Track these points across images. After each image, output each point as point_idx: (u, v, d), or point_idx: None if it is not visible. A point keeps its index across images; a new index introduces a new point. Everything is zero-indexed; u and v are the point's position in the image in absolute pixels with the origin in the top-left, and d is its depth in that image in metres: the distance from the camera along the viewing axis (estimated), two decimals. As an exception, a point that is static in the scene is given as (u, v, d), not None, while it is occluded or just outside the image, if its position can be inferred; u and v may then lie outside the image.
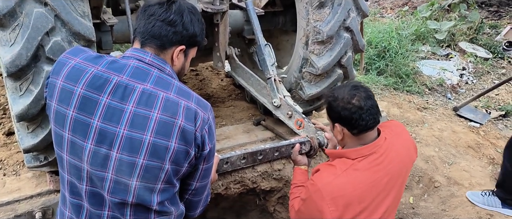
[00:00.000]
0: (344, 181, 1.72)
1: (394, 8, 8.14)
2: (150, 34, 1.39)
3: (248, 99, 3.69)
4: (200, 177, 1.49)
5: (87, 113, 1.32)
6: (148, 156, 1.33)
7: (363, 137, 1.80)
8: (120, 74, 1.35)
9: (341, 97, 1.77)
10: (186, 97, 1.38)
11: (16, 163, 2.64)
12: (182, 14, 1.39)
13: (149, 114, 1.32)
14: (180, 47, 1.43)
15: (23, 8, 1.84)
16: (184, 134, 1.35)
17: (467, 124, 4.49)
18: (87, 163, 1.34)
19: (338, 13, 2.74)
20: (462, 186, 3.52)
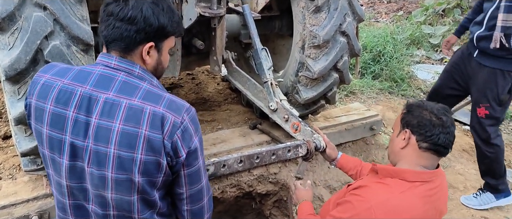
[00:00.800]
0: (400, 204, 1.55)
1: (388, 13, 8.21)
2: (112, 37, 1.27)
3: (244, 103, 3.71)
4: (187, 184, 1.36)
5: (58, 130, 1.28)
6: (115, 170, 1.26)
7: (426, 157, 1.62)
8: (84, 85, 1.27)
9: (430, 108, 1.64)
10: (153, 101, 1.26)
11: (12, 167, 2.64)
12: (141, 8, 1.25)
13: (111, 126, 1.24)
14: (148, 44, 1.29)
15: (22, 12, 1.86)
16: (151, 144, 1.23)
17: (461, 128, 4.52)
18: (66, 178, 1.33)
19: (334, 17, 2.78)
20: (457, 189, 3.55)
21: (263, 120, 3.36)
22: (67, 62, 1.93)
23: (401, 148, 1.67)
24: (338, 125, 3.46)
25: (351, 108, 3.81)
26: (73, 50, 1.97)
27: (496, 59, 2.95)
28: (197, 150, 1.33)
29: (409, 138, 1.64)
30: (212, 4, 2.47)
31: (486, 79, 3.01)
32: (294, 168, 3.07)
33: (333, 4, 2.78)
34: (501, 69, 2.95)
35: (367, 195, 1.59)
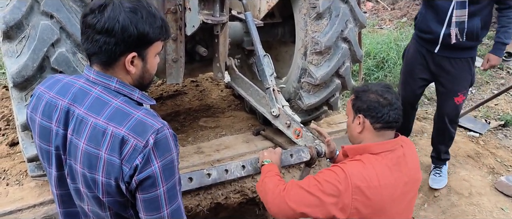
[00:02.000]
0: (371, 172, 1.68)
1: (392, 20, 8.23)
2: (92, 51, 1.22)
3: (248, 110, 3.73)
4: (144, 209, 1.23)
5: (45, 141, 1.30)
6: (84, 186, 1.25)
7: (383, 134, 1.79)
8: (64, 98, 1.27)
9: (374, 89, 1.80)
10: (118, 122, 1.19)
11: (19, 173, 2.68)
12: (117, 18, 1.17)
13: (78, 143, 1.22)
14: (130, 55, 1.22)
15: (30, 20, 1.91)
16: (110, 168, 1.18)
17: (466, 134, 4.50)
18: (56, 187, 1.37)
19: (335, 24, 2.81)
20: (462, 195, 3.53)
21: (266, 127, 3.37)
22: (72, 69, 1.98)
23: (358, 132, 1.81)
24: (341, 131, 3.47)
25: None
26: (79, 57, 2.01)
27: (464, 50, 3.12)
28: (155, 176, 1.20)
29: (364, 122, 1.78)
30: (214, 11, 2.51)
31: (460, 69, 3.18)
32: (297, 173, 3.08)
33: (335, 10, 2.81)
34: (471, 57, 3.17)
35: (344, 167, 1.70)
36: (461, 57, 3.14)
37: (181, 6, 2.55)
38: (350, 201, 1.64)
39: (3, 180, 2.63)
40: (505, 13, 3.02)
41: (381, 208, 1.69)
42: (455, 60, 3.15)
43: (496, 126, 4.69)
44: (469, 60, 3.17)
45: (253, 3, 3.17)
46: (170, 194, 1.25)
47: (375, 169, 1.69)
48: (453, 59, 3.15)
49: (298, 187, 1.75)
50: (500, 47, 3.17)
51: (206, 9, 2.51)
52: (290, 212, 1.75)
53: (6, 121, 3.31)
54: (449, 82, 3.24)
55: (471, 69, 3.20)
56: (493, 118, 4.91)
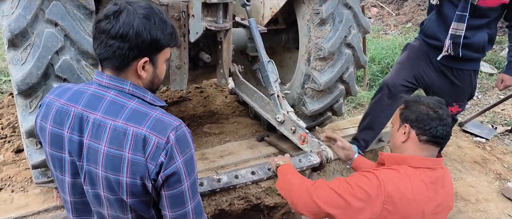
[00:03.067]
0: (406, 184, 1.62)
1: (397, 25, 8.22)
2: (104, 55, 1.24)
3: (252, 116, 3.73)
4: (169, 206, 1.28)
5: (58, 149, 1.30)
6: (106, 189, 1.26)
7: (427, 149, 1.72)
8: (76, 105, 1.27)
9: (426, 102, 1.75)
10: (137, 122, 1.22)
11: (24, 179, 2.69)
12: (132, 24, 1.20)
13: (98, 147, 1.23)
14: (143, 60, 1.25)
15: (34, 28, 1.93)
16: (134, 168, 1.21)
17: (472, 140, 4.46)
18: (70, 194, 1.36)
19: (339, 30, 2.80)
20: (469, 202, 3.49)
21: (271, 133, 3.37)
22: (76, 76, 1.99)
23: (402, 142, 1.76)
24: (346, 137, 3.45)
25: (359, 120, 3.80)
26: (83, 64, 2.02)
27: (468, 62, 3.02)
28: (180, 172, 1.25)
29: (409, 132, 1.73)
30: (218, 18, 2.52)
31: (461, 81, 3.08)
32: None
33: (338, 16, 2.81)
34: (474, 69, 3.08)
35: (378, 174, 1.65)
36: (464, 69, 3.04)
37: (185, 13, 2.57)
38: (380, 210, 1.59)
39: (8, 186, 2.64)
40: None
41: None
42: (457, 71, 3.06)
43: (503, 131, 4.65)
44: (471, 72, 3.07)
45: (257, 10, 3.18)
46: (193, 189, 1.30)
47: (411, 182, 1.63)
48: (456, 69, 3.05)
49: (328, 187, 1.73)
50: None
51: (210, 16, 2.52)
52: (316, 209, 1.72)
53: (12, 128, 3.33)
54: (447, 90, 3.12)
55: (472, 82, 3.10)
56: (499, 123, 4.87)
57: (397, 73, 3.12)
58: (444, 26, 2.93)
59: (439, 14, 2.98)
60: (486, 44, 2.92)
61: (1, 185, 2.64)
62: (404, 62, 3.16)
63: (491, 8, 2.74)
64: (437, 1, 2.90)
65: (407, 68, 3.10)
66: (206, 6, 2.47)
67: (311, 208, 1.74)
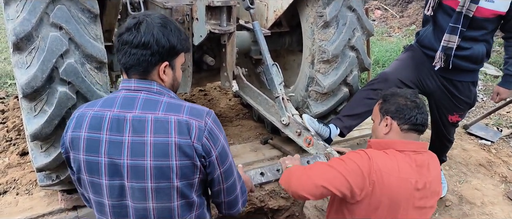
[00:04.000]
0: (394, 164, 1.74)
1: (401, 27, 8.19)
2: (130, 63, 1.39)
3: (256, 118, 3.73)
4: (223, 181, 1.48)
5: (94, 153, 1.38)
6: (154, 179, 1.36)
7: (409, 136, 1.84)
8: (111, 108, 1.39)
9: (403, 94, 1.89)
10: (175, 111, 1.38)
11: (29, 182, 2.70)
12: (152, 32, 1.36)
13: (143, 140, 1.34)
14: (164, 64, 1.41)
15: (39, 32, 1.93)
16: (182, 149, 1.35)
17: (478, 142, 4.44)
18: (108, 197, 1.41)
19: (343, 32, 2.80)
20: (474, 205, 3.47)
21: (274, 135, 3.37)
22: (81, 80, 2.00)
23: (385, 134, 1.88)
24: (350, 139, 3.44)
25: (363, 123, 3.79)
26: (87, 67, 2.03)
27: (466, 73, 2.95)
28: (225, 146, 1.45)
29: (391, 124, 1.85)
30: (222, 21, 2.53)
31: (459, 92, 3.02)
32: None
33: (342, 19, 2.81)
34: (472, 81, 3.01)
35: (368, 152, 1.79)
36: (462, 80, 2.96)
37: (189, 16, 2.57)
38: (369, 182, 1.71)
39: (13, 189, 2.66)
40: None
41: (396, 202, 1.74)
42: (455, 82, 2.98)
43: (508, 134, 4.62)
44: (470, 84, 2.99)
45: (260, 13, 3.18)
46: (232, 161, 1.51)
47: (398, 163, 1.75)
48: (454, 81, 2.98)
49: (322, 163, 1.90)
50: (509, 80, 2.97)
51: (213, 19, 2.53)
52: (312, 187, 1.80)
53: (18, 131, 3.35)
54: (447, 100, 3.07)
55: (472, 93, 3.03)
56: (505, 125, 4.84)
57: (398, 70, 3.01)
58: (440, 37, 2.84)
59: (435, 25, 2.90)
60: (484, 56, 2.86)
61: (6, 188, 2.66)
62: (407, 62, 3.05)
63: (487, 19, 2.69)
64: (431, 12, 2.83)
65: (409, 69, 3.01)
66: (210, 9, 2.48)
67: (306, 187, 1.82)
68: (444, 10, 2.79)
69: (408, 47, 3.22)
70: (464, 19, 2.69)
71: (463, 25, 2.72)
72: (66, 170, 2.23)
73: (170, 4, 2.57)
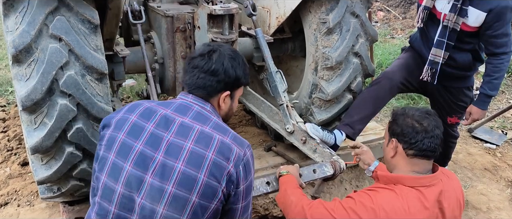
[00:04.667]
0: (402, 206, 1.60)
1: (404, 29, 8.15)
2: (196, 85, 1.51)
3: (259, 125, 3.70)
4: (241, 214, 1.50)
5: (134, 138, 1.43)
6: (177, 185, 1.37)
7: (417, 163, 1.69)
8: (167, 108, 1.48)
9: (412, 114, 1.72)
10: (222, 132, 1.44)
11: (30, 193, 2.68)
12: (222, 62, 1.49)
13: (183, 144, 1.40)
14: (225, 93, 1.52)
15: (38, 43, 1.91)
16: (215, 169, 1.37)
17: (483, 146, 4.40)
18: (122, 184, 1.40)
19: (346, 39, 2.77)
20: (480, 210, 3.43)
21: (278, 142, 3.33)
22: (81, 92, 1.97)
23: (391, 157, 1.74)
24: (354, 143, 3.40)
25: (367, 128, 3.74)
26: (88, 79, 2.00)
27: (459, 80, 2.90)
28: (252, 183, 1.51)
29: (397, 147, 1.71)
30: (223, 29, 2.50)
31: (454, 97, 2.98)
32: (310, 189, 3.03)
33: (345, 25, 2.78)
34: (467, 86, 2.95)
35: (374, 198, 1.63)
36: (456, 86, 2.93)
37: (190, 24, 2.55)
38: None
39: (14, 201, 2.63)
40: (491, 61, 2.68)
41: None
42: (450, 89, 2.94)
43: (514, 137, 4.58)
44: (464, 89, 2.95)
45: (263, 19, 3.15)
46: (251, 198, 1.55)
47: (408, 202, 1.60)
48: (448, 87, 2.94)
49: (323, 207, 1.72)
50: (484, 99, 2.77)
51: (215, 27, 2.49)
52: None
53: (18, 140, 3.32)
54: (444, 104, 3.04)
55: (468, 97, 2.97)
56: (510, 128, 4.80)
57: (401, 69, 2.96)
58: (429, 46, 2.81)
59: (424, 34, 2.87)
60: (471, 63, 2.79)
61: (8, 199, 2.64)
62: (409, 62, 2.99)
63: (470, 33, 2.64)
64: (420, 24, 2.80)
65: (410, 70, 2.96)
66: (212, 17, 2.45)
67: None
68: (433, 21, 2.75)
69: (407, 48, 3.19)
70: (452, 33, 2.64)
71: (450, 39, 2.66)
72: (68, 182, 2.20)
73: (172, 13, 2.55)
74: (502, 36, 2.56)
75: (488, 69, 2.70)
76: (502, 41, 2.58)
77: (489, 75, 2.69)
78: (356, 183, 3.35)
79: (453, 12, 2.58)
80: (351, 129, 2.81)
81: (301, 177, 2.16)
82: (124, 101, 4.37)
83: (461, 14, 2.57)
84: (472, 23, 2.59)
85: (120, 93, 4.38)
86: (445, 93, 2.99)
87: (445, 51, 2.70)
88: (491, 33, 2.56)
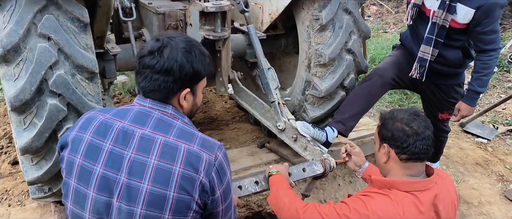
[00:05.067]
0: (398, 211, 1.58)
1: (397, 23, 8.17)
2: (150, 88, 1.34)
3: (252, 121, 3.69)
4: (223, 216, 1.42)
5: (91, 160, 1.30)
6: (146, 205, 1.26)
7: (411, 166, 1.67)
8: (123, 120, 1.33)
9: (400, 117, 1.68)
10: (187, 140, 1.31)
11: (21, 193, 2.64)
12: (175, 58, 1.30)
13: (146, 161, 1.27)
14: (185, 91, 1.36)
15: (27, 43, 1.87)
16: (185, 182, 1.26)
17: (474, 140, 4.43)
18: (90, 212, 1.31)
19: (339, 35, 2.76)
20: (472, 205, 3.46)
21: (271, 139, 3.33)
22: (72, 91, 1.94)
23: (384, 162, 1.71)
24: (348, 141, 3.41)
25: (360, 123, 3.75)
26: (78, 78, 1.97)
27: (449, 77, 2.92)
28: (229, 183, 1.40)
29: (389, 152, 1.68)
30: (216, 27, 2.47)
31: (445, 94, 2.99)
32: (302, 186, 3.03)
33: (338, 22, 2.77)
34: (457, 83, 2.97)
35: (368, 204, 1.61)
36: (447, 84, 2.94)
37: (182, 21, 2.52)
38: None
39: (5, 200, 2.60)
40: (480, 57, 2.68)
41: None
42: (440, 86, 2.96)
43: (505, 131, 4.62)
44: (455, 86, 2.97)
45: (255, 16, 3.13)
46: (232, 197, 1.47)
47: (403, 208, 1.57)
48: (438, 84, 2.96)
49: (317, 212, 1.70)
50: (473, 96, 2.79)
51: (207, 25, 2.47)
52: None
53: (9, 139, 3.28)
54: (435, 101, 3.06)
55: (458, 94, 2.98)
56: (501, 123, 4.84)
57: (392, 67, 2.97)
58: (418, 43, 2.81)
59: (414, 32, 2.87)
60: (461, 60, 2.80)
61: (-2, 199, 2.60)
62: (400, 59, 3.00)
63: (459, 29, 2.64)
64: (410, 22, 2.80)
65: (401, 67, 2.97)
66: (204, 14, 2.43)
67: None
68: (422, 18, 2.75)
69: (398, 45, 3.19)
70: (441, 30, 2.64)
71: (440, 36, 2.67)
72: (59, 182, 2.18)
73: (163, 10, 2.52)
74: (491, 33, 2.57)
75: (477, 65, 2.71)
76: (491, 37, 2.59)
77: (478, 71, 2.70)
78: (349, 179, 3.36)
79: (441, 9, 2.59)
80: (343, 126, 2.81)
81: (290, 176, 2.14)
82: (116, 98, 4.34)
83: (449, 10, 2.58)
84: (461, 20, 2.59)
85: (112, 90, 4.35)
86: (436, 90, 3.01)
87: (434, 48, 2.71)
88: (480, 30, 2.56)
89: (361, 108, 2.88)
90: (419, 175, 1.69)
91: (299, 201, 1.82)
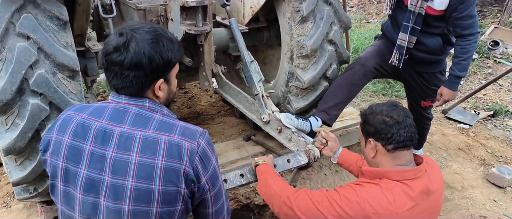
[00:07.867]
0: (387, 199, 1.60)
1: (379, 13, 8.24)
2: (122, 85, 1.29)
3: (238, 115, 3.71)
4: (213, 203, 1.40)
5: (74, 162, 1.29)
6: (133, 202, 1.26)
7: (399, 156, 1.70)
8: (100, 119, 1.30)
9: (379, 110, 1.73)
10: (167, 131, 1.29)
11: (6, 194, 2.62)
12: (143, 51, 1.25)
13: (128, 158, 1.26)
14: (159, 82, 1.32)
15: (5, 43, 1.86)
16: (169, 174, 1.25)
17: (456, 126, 4.53)
18: (79, 212, 1.31)
19: (320, 27, 2.79)
20: (455, 189, 3.54)
21: (257, 131, 3.35)
22: (53, 90, 1.93)
23: (372, 157, 1.75)
24: (333, 131, 3.45)
25: (344, 113, 3.80)
26: (59, 77, 1.96)
27: (431, 65, 2.97)
28: (216, 169, 1.37)
29: (376, 146, 1.72)
30: (197, 21, 2.47)
31: (427, 82, 3.05)
32: (288, 177, 3.07)
33: (319, 13, 2.79)
34: (439, 70, 3.02)
35: (359, 192, 1.63)
36: (429, 71, 3.00)
37: (163, 16, 2.52)
38: None
39: (-10, 202, 2.58)
40: (459, 42, 2.73)
41: None
42: (422, 74, 3.02)
43: (485, 116, 4.72)
44: (437, 73, 3.01)
45: (237, 9, 3.14)
46: (222, 183, 1.44)
47: (394, 196, 1.60)
48: (420, 72, 3.01)
49: (309, 199, 1.72)
50: (454, 80, 2.83)
51: (189, 19, 2.47)
52: None
53: (-9, 140, 3.24)
54: (417, 89, 3.12)
55: (440, 81, 3.02)
56: (482, 108, 4.94)
57: (374, 56, 3.00)
58: (398, 32, 2.87)
59: (393, 21, 2.92)
60: (442, 46, 2.85)
61: (-17, 202, 2.58)
62: (382, 49, 3.04)
63: (437, 16, 2.69)
64: (389, 12, 2.86)
65: (383, 57, 3.01)
66: (185, 9, 2.42)
67: (291, 217, 1.73)
68: (401, 7, 2.81)
69: (380, 35, 3.24)
70: (418, 17, 2.70)
71: (416, 23, 2.72)
72: (44, 182, 2.17)
73: (144, 5, 2.51)
74: (467, 17, 2.62)
75: (456, 50, 2.77)
76: (468, 22, 2.64)
77: (457, 56, 2.76)
78: (335, 168, 3.40)
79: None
80: (327, 115, 2.84)
81: (275, 168, 2.16)
82: (100, 96, 4.30)
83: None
84: (437, 7, 2.64)
85: (95, 88, 4.31)
86: (418, 78, 3.06)
87: (411, 35, 2.76)
88: (457, 16, 2.61)
89: (344, 97, 2.92)
90: (409, 164, 1.72)
91: (289, 187, 1.84)
